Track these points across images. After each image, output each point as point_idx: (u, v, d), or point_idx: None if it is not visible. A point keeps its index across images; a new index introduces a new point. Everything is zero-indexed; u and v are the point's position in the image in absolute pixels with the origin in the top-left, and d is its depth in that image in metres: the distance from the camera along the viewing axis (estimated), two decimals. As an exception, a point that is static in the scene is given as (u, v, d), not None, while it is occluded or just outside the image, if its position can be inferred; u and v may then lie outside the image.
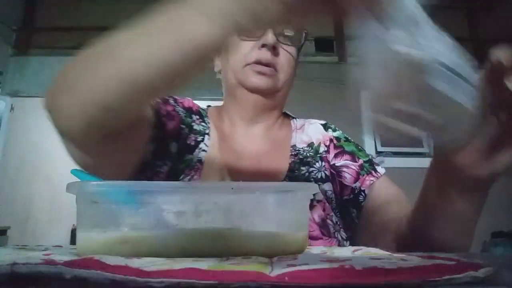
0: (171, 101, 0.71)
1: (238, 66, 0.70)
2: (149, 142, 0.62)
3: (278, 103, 0.76)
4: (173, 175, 0.65)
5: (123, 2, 3.35)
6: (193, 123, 0.72)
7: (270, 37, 0.69)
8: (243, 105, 0.73)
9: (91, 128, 0.45)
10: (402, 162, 3.07)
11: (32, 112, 3.49)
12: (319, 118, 0.83)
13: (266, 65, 0.69)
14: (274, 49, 0.69)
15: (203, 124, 0.74)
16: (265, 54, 0.69)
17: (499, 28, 3.36)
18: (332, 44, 3.39)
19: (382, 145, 3.11)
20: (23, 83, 3.08)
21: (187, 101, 0.76)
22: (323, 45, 3.36)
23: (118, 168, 0.60)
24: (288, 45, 0.72)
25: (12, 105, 3.12)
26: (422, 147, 3.18)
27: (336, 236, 0.66)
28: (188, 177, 0.66)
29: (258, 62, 0.69)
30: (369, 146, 3.07)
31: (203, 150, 0.69)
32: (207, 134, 0.72)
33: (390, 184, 0.71)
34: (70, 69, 0.48)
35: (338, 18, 0.34)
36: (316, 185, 0.40)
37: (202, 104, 0.81)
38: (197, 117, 0.74)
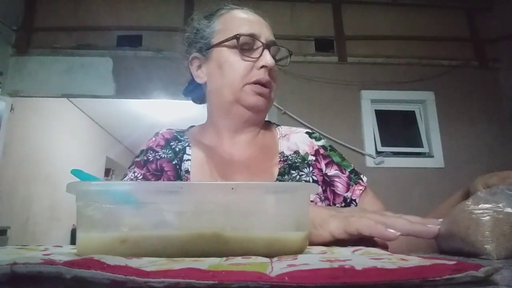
0: (150, 157, 0.76)
1: (237, 84, 0.73)
2: None
3: (264, 117, 0.82)
4: None
5: (123, 2, 3.36)
6: (175, 148, 0.78)
7: (269, 60, 0.71)
8: (235, 119, 0.77)
9: None
10: (402, 162, 3.07)
11: (32, 112, 3.50)
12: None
13: (264, 85, 0.72)
14: (271, 71, 0.73)
15: (181, 143, 0.79)
16: (265, 75, 0.72)
17: (499, 28, 3.36)
18: (332, 44, 3.39)
19: (382, 145, 3.11)
20: (23, 83, 3.08)
21: (161, 137, 0.81)
22: (323, 45, 3.36)
23: None
24: (281, 66, 0.77)
25: (12, 105, 3.12)
26: (422, 147, 3.18)
27: None
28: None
29: (258, 82, 0.72)
30: (369, 146, 3.07)
31: (187, 160, 0.76)
32: (188, 146, 0.78)
33: (375, 200, 0.76)
34: None
35: None
36: (316, 185, 0.40)
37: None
38: (175, 141, 0.80)
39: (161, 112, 4.74)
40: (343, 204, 0.74)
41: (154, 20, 3.30)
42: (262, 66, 0.71)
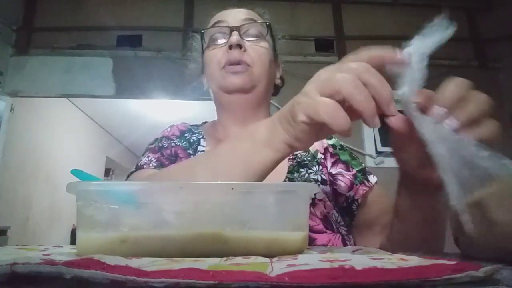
0: (165, 143, 0.78)
1: (215, 73, 0.74)
2: None
3: (261, 99, 0.77)
4: None
5: (123, 2, 3.36)
6: (190, 139, 0.80)
7: (234, 38, 0.72)
8: (230, 109, 0.77)
9: None
10: (402, 162, 3.06)
11: (32, 112, 3.50)
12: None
13: (237, 63, 0.72)
14: (240, 47, 0.72)
15: (195, 135, 0.82)
16: (233, 54, 0.72)
17: (499, 28, 3.35)
18: (332, 44, 3.39)
19: (382, 145, 3.11)
20: (23, 83, 3.08)
21: (176, 128, 0.84)
22: (323, 45, 3.36)
23: None
24: (253, 40, 0.75)
25: (12, 105, 3.12)
26: (422, 147, 3.18)
27: (339, 231, 0.69)
28: None
29: (229, 63, 0.72)
30: (369, 146, 3.07)
31: (202, 151, 0.77)
32: (202, 138, 0.80)
33: (383, 197, 0.74)
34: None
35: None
36: (316, 185, 0.40)
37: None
38: (190, 133, 0.82)
39: (161, 112, 4.74)
40: (344, 204, 0.73)
41: (154, 20, 3.30)
42: (230, 47, 0.72)
